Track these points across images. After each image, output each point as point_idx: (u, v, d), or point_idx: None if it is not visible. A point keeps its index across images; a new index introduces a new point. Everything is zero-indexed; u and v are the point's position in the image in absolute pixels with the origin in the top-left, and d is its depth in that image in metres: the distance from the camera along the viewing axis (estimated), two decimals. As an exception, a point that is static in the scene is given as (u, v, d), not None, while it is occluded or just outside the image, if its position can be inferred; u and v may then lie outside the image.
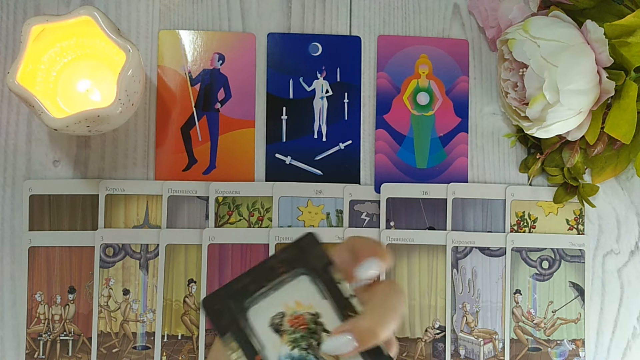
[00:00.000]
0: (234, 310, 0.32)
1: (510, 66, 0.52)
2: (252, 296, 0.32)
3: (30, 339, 0.52)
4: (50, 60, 0.49)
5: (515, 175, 0.57)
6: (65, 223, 0.52)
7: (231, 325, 0.32)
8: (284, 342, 0.32)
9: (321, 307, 0.33)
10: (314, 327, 0.33)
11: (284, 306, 0.33)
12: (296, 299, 0.33)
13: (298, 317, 0.33)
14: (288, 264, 0.33)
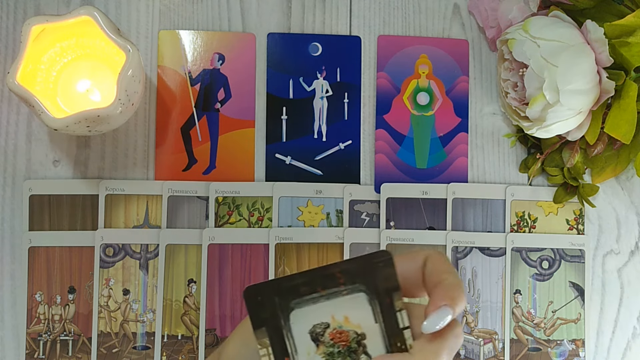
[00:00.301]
0: (277, 306, 0.30)
1: (510, 66, 0.52)
2: (301, 298, 0.31)
3: (30, 339, 0.52)
4: (50, 60, 0.49)
5: (515, 175, 0.57)
6: (65, 223, 0.52)
7: (269, 321, 0.30)
8: (318, 353, 0.31)
9: (369, 329, 0.31)
10: (355, 347, 0.31)
11: (330, 317, 0.31)
12: (346, 314, 0.31)
13: (342, 333, 0.31)
14: (350, 277, 0.31)
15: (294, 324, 0.31)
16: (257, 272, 0.53)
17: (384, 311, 0.31)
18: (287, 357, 0.30)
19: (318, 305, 0.31)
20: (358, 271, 0.31)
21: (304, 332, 0.31)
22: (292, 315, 0.31)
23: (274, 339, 0.30)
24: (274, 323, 0.30)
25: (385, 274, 0.30)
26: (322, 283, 0.31)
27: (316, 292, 0.31)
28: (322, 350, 0.31)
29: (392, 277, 0.31)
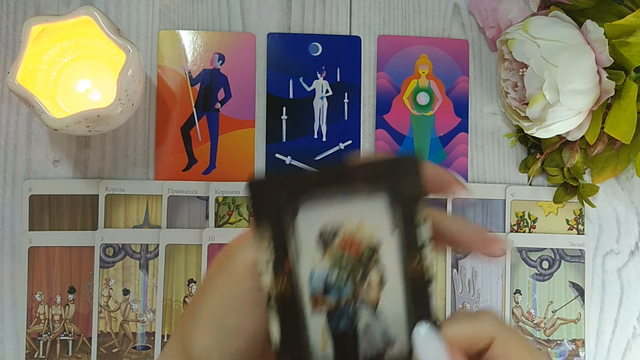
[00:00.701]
0: (284, 201, 0.27)
1: (510, 66, 0.51)
2: (312, 196, 0.27)
3: (30, 339, 0.52)
4: (50, 60, 0.49)
5: (515, 175, 0.57)
6: (65, 223, 0.52)
7: (273, 217, 0.27)
8: (324, 259, 0.27)
9: (385, 241, 0.27)
10: (366, 260, 0.27)
11: (343, 220, 0.27)
12: (361, 219, 0.27)
13: (353, 242, 0.27)
14: (371, 177, 0.27)
15: (301, 222, 0.27)
16: (257, 272, 0.53)
17: (403, 222, 0.27)
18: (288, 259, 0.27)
19: (331, 206, 0.27)
20: (381, 172, 0.27)
21: (311, 234, 0.27)
22: (300, 214, 0.27)
23: (277, 238, 0.27)
24: (278, 220, 0.27)
25: (411, 180, 0.27)
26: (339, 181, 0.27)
27: (330, 190, 0.27)
28: (329, 257, 0.27)
29: (418, 185, 0.27)
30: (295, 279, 0.27)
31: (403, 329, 0.27)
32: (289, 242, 0.27)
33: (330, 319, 0.27)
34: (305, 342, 0.27)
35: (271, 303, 0.27)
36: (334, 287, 0.27)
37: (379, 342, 0.27)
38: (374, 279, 0.27)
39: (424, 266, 0.27)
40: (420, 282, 0.27)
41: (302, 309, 0.27)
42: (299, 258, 0.27)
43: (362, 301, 0.27)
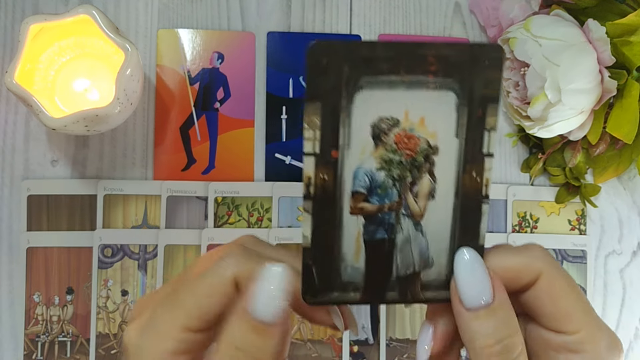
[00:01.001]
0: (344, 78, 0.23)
1: (512, 65, 0.51)
2: (376, 77, 0.23)
3: (28, 340, 0.51)
4: (49, 60, 0.48)
5: (516, 175, 0.56)
6: (64, 223, 0.52)
7: (328, 95, 0.23)
8: (375, 155, 0.24)
9: (446, 144, 0.24)
10: (421, 162, 0.24)
11: (404, 113, 0.24)
12: (423, 115, 0.23)
13: (410, 138, 0.24)
14: (445, 67, 0.23)
15: (358, 108, 0.23)
16: (257, 273, 0.53)
17: (470, 125, 0.24)
18: (336, 149, 0.23)
19: (393, 92, 0.23)
20: (457, 62, 0.23)
21: (365, 122, 0.24)
22: (359, 97, 0.23)
23: (327, 121, 0.23)
24: (334, 100, 0.23)
25: (488, 76, 0.23)
26: (408, 64, 0.23)
27: (397, 73, 0.23)
28: (379, 153, 0.24)
29: (496, 83, 0.23)
30: (339, 172, 0.24)
31: (445, 251, 0.25)
32: (341, 129, 0.23)
33: (367, 225, 0.24)
34: (338, 246, 0.24)
35: (309, 193, 0.24)
36: (379, 188, 0.24)
37: (416, 261, 0.25)
38: (424, 188, 0.24)
39: (483, 179, 0.24)
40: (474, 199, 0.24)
41: (340, 207, 0.24)
42: (349, 148, 0.24)
43: (406, 210, 0.24)
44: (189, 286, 0.26)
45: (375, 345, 0.53)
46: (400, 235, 0.25)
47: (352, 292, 0.25)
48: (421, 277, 0.25)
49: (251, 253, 0.26)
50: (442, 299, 0.25)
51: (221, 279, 0.25)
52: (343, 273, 0.25)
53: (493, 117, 0.24)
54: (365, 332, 0.53)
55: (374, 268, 0.25)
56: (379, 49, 0.23)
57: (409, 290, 0.25)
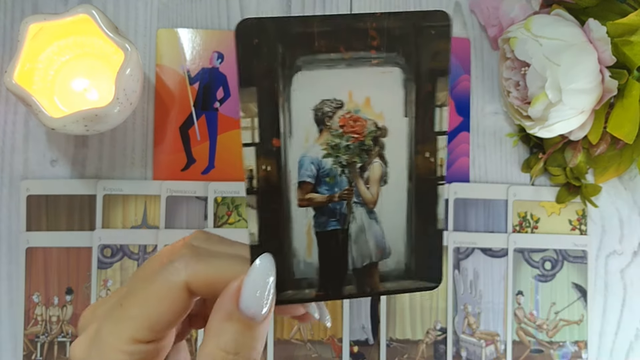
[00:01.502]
0: (279, 58, 0.21)
1: (512, 65, 0.51)
2: (314, 56, 0.21)
3: (27, 340, 0.51)
4: (48, 59, 0.48)
5: (517, 175, 0.56)
6: (63, 223, 0.52)
7: (263, 78, 0.21)
8: (319, 142, 0.22)
9: (394, 124, 0.22)
10: (369, 146, 0.22)
11: (347, 94, 0.22)
12: (368, 94, 0.22)
13: (357, 120, 0.22)
14: (388, 40, 0.21)
15: (296, 91, 0.21)
16: (257, 273, 0.53)
17: (419, 102, 0.22)
18: (277, 138, 0.22)
19: (334, 71, 0.21)
20: (401, 34, 0.21)
21: (306, 107, 0.22)
22: (296, 79, 0.21)
23: (264, 108, 0.21)
24: (269, 84, 0.21)
25: (436, 47, 0.21)
26: (347, 40, 0.21)
27: (336, 51, 0.21)
28: (324, 139, 0.22)
29: (445, 54, 0.21)
30: (283, 161, 0.22)
31: (402, 238, 0.23)
32: (281, 115, 0.22)
33: (318, 216, 0.23)
34: (288, 241, 0.23)
35: (252, 187, 0.22)
36: (327, 176, 0.22)
37: (372, 251, 0.23)
38: (375, 172, 0.23)
39: (437, 159, 0.22)
40: (429, 181, 0.23)
41: (286, 199, 0.22)
42: (291, 135, 0.22)
43: (358, 198, 0.23)
44: (137, 294, 0.24)
45: (375, 346, 0.53)
46: (353, 225, 0.23)
47: (306, 289, 0.23)
48: (379, 268, 0.24)
49: (201, 253, 0.24)
50: (403, 290, 0.24)
51: (171, 284, 0.23)
52: (295, 270, 0.23)
53: (443, 91, 0.22)
54: (366, 332, 0.53)
55: (328, 262, 0.23)
56: (314, 24, 0.21)
57: (367, 282, 0.23)
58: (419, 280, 0.24)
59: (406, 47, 0.22)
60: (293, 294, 0.23)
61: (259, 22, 0.21)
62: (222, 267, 0.23)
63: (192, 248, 0.25)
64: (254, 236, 0.23)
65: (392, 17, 0.21)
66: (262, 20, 0.21)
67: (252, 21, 0.21)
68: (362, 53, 0.22)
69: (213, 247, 0.26)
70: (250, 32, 0.21)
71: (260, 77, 0.21)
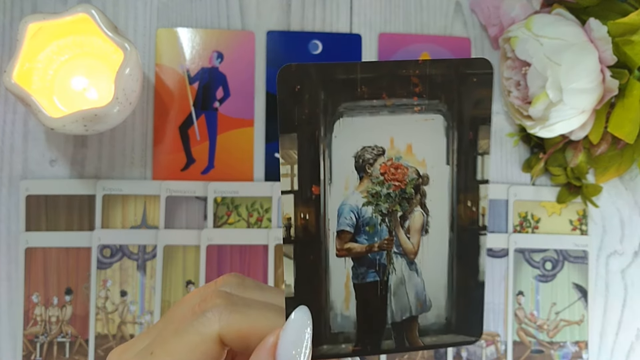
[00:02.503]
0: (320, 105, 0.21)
1: (513, 64, 0.51)
2: (356, 103, 0.21)
3: (27, 340, 0.51)
4: (47, 59, 0.48)
5: (517, 175, 0.56)
6: (62, 223, 0.52)
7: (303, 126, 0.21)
8: (359, 189, 0.22)
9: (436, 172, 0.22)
10: (411, 194, 0.22)
11: (389, 141, 0.21)
12: (410, 142, 0.21)
13: (398, 168, 0.22)
14: (430, 87, 0.21)
15: (337, 138, 0.21)
16: (256, 274, 0.53)
17: (461, 150, 0.21)
18: (316, 185, 0.21)
19: (376, 118, 0.21)
20: (443, 81, 0.21)
21: (347, 153, 0.21)
22: (338, 125, 0.21)
23: (304, 155, 0.21)
24: (311, 130, 0.21)
25: (478, 95, 0.21)
26: (390, 86, 0.21)
27: (379, 97, 0.21)
28: (365, 187, 0.22)
29: (487, 102, 0.21)
30: (322, 210, 0.21)
31: (443, 290, 0.22)
32: (321, 162, 0.21)
33: (356, 267, 0.22)
34: (325, 293, 0.22)
35: (289, 236, 0.21)
36: (367, 225, 0.22)
37: (412, 304, 0.23)
38: (417, 221, 0.22)
39: (479, 208, 0.22)
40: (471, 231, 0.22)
41: (325, 249, 0.22)
42: (331, 182, 0.21)
43: (398, 248, 0.22)
44: (168, 344, 0.23)
45: (375, 346, 0.53)
46: (393, 277, 0.22)
47: (343, 344, 0.22)
48: (418, 322, 0.23)
49: (235, 302, 0.23)
50: (443, 344, 0.23)
51: (203, 337, 0.23)
52: (332, 323, 0.22)
53: (485, 139, 0.22)
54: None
55: (367, 315, 0.22)
56: (357, 71, 0.21)
57: (406, 337, 0.23)
58: (459, 335, 0.23)
59: (448, 95, 0.21)
60: (329, 348, 0.22)
61: (301, 68, 0.21)
62: (257, 319, 0.23)
63: (225, 297, 0.24)
64: (290, 287, 0.22)
65: (435, 64, 0.21)
66: (304, 66, 0.21)
67: (295, 67, 0.21)
68: (404, 100, 0.21)
69: (247, 293, 0.25)
70: (292, 78, 0.21)
71: (301, 123, 0.21)
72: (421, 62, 0.21)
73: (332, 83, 0.21)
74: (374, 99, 0.21)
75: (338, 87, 0.21)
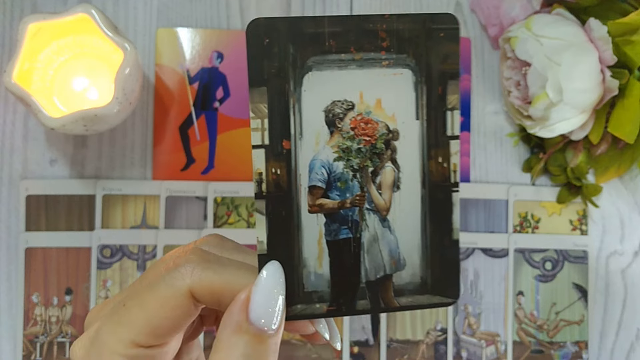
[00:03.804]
0: (289, 58, 0.21)
1: (513, 64, 0.51)
2: (325, 56, 0.21)
3: (27, 340, 0.51)
4: (47, 59, 0.48)
5: (518, 175, 0.56)
6: (62, 223, 0.52)
7: (273, 79, 0.21)
8: (330, 144, 0.22)
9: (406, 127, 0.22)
10: (381, 149, 0.22)
11: (358, 95, 0.21)
12: (379, 96, 0.21)
13: (368, 122, 0.22)
14: (398, 41, 0.21)
15: (307, 92, 0.21)
16: (257, 273, 0.53)
17: (430, 105, 0.21)
18: (287, 139, 0.21)
19: (345, 72, 0.21)
20: (411, 36, 0.21)
21: (316, 108, 0.21)
22: (307, 79, 0.21)
23: (274, 109, 0.21)
24: (280, 84, 0.21)
25: (445, 50, 0.21)
26: (358, 40, 0.21)
27: (347, 51, 0.21)
28: (335, 141, 0.22)
29: (454, 57, 0.21)
30: (293, 165, 0.21)
31: (417, 248, 0.22)
32: (291, 117, 0.21)
33: (329, 224, 0.22)
34: (298, 250, 0.22)
35: (261, 191, 0.21)
36: (338, 181, 0.22)
37: (386, 262, 0.22)
38: (388, 177, 0.22)
39: (450, 164, 0.22)
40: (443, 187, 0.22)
41: (297, 205, 0.21)
42: (302, 137, 0.21)
43: (370, 204, 0.22)
44: (139, 297, 0.23)
45: (375, 346, 0.53)
46: (366, 234, 0.22)
47: (317, 304, 0.22)
48: (393, 281, 0.22)
49: (210, 260, 0.23)
50: (419, 305, 0.22)
51: (174, 290, 0.23)
52: (306, 282, 0.22)
53: (454, 94, 0.22)
54: (366, 332, 0.53)
55: (340, 274, 0.22)
56: (325, 24, 0.21)
57: (381, 297, 0.22)
58: (436, 295, 0.22)
59: (416, 49, 0.21)
60: (303, 308, 0.22)
61: (270, 22, 0.21)
62: (229, 276, 0.23)
63: (200, 253, 0.24)
64: (262, 244, 0.22)
65: (401, 18, 0.21)
66: (273, 20, 0.21)
67: (263, 21, 0.21)
68: (372, 54, 0.21)
69: (224, 253, 0.25)
70: (261, 32, 0.21)
71: (270, 77, 0.21)
72: (388, 17, 0.21)
73: (301, 37, 0.21)
74: (342, 52, 0.21)
75: (306, 41, 0.21)
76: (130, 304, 0.23)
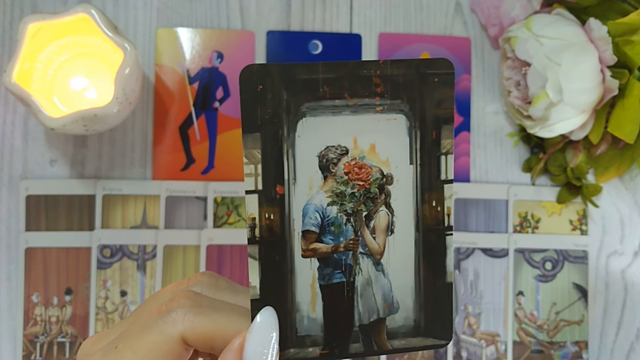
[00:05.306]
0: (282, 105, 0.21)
1: (513, 64, 0.51)
2: (318, 102, 0.21)
3: (27, 340, 0.51)
4: (47, 59, 0.48)
5: (518, 175, 0.56)
6: (62, 223, 0.52)
7: (267, 125, 0.21)
8: (324, 189, 0.22)
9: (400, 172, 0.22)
10: (375, 193, 0.22)
11: (352, 140, 0.21)
12: (373, 141, 0.22)
13: (362, 168, 0.22)
14: (392, 87, 0.21)
15: (301, 137, 0.21)
16: (257, 273, 0.53)
17: (424, 149, 0.22)
18: (281, 184, 0.21)
19: (339, 118, 0.21)
20: (405, 81, 0.21)
21: (311, 153, 0.21)
22: (301, 125, 0.21)
23: (268, 155, 0.21)
24: (274, 130, 0.21)
25: (440, 95, 0.21)
26: (352, 86, 0.21)
27: (341, 97, 0.21)
28: (329, 186, 0.22)
29: (449, 102, 0.22)
30: (287, 209, 0.21)
31: (410, 292, 0.22)
32: (285, 162, 0.21)
33: (322, 268, 0.22)
34: (291, 295, 0.22)
35: (254, 237, 0.21)
36: (332, 225, 0.22)
37: (379, 306, 0.22)
38: (382, 221, 0.22)
39: (444, 208, 0.22)
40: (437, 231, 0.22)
41: (290, 250, 0.22)
42: (296, 182, 0.21)
43: (364, 248, 0.22)
44: (131, 340, 0.23)
45: (375, 346, 0.53)
46: (359, 278, 0.22)
47: (310, 347, 0.22)
48: (386, 324, 0.22)
49: (202, 304, 0.23)
50: (412, 348, 0.22)
51: (166, 336, 0.23)
52: (299, 326, 0.22)
53: (449, 139, 0.22)
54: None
55: (334, 318, 0.22)
56: (319, 71, 0.21)
57: (375, 340, 0.22)
58: (429, 338, 0.22)
59: (410, 95, 0.22)
60: (296, 352, 0.22)
61: (263, 68, 0.21)
62: (223, 321, 0.22)
63: (193, 297, 0.24)
64: (255, 289, 0.22)
65: (395, 64, 0.21)
66: (266, 66, 0.21)
67: (257, 67, 0.21)
68: (366, 100, 0.21)
69: (217, 294, 0.24)
70: (254, 78, 0.21)
71: (264, 123, 0.21)
72: (382, 63, 0.21)
73: (294, 83, 0.21)
74: (336, 98, 0.21)
75: (300, 87, 0.21)
76: (122, 347, 0.23)
